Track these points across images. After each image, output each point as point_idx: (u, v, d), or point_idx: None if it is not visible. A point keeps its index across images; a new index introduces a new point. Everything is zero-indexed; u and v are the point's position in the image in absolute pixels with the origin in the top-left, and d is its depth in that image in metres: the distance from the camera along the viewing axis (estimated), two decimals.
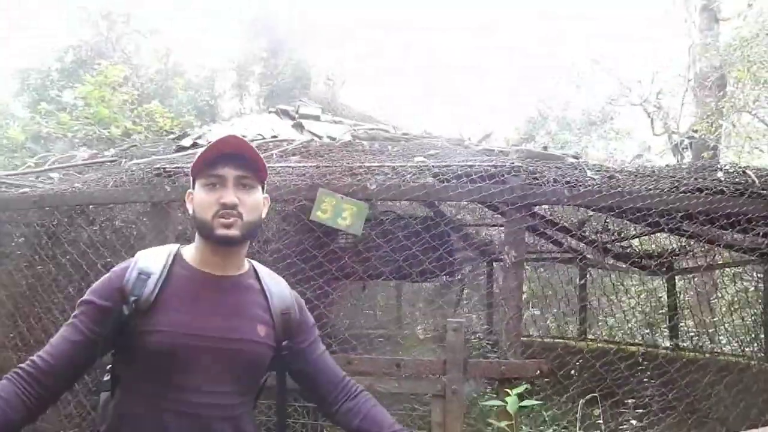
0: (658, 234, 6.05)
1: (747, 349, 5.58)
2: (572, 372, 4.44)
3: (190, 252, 1.72)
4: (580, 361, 4.52)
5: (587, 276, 7.17)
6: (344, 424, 1.80)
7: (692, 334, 6.84)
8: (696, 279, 7.18)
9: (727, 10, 14.69)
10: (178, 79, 16.31)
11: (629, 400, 4.74)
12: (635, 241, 6.57)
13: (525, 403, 2.90)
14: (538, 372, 3.27)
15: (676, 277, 6.85)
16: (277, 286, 1.78)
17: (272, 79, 18.14)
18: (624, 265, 6.71)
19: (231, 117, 11.46)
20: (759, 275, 5.67)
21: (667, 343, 6.77)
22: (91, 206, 3.99)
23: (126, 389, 1.63)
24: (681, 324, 6.96)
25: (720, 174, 3.51)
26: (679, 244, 6.25)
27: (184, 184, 3.31)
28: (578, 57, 18.18)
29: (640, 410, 4.66)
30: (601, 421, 3.78)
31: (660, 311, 7.59)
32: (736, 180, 3.40)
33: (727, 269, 6.41)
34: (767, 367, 4.86)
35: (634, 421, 4.63)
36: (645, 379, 5.13)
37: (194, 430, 1.56)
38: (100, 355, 1.63)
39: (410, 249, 3.79)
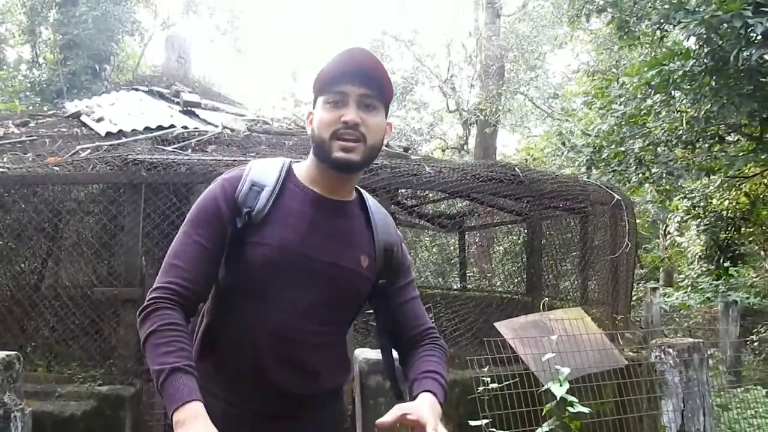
0: (453, 200, 7.64)
1: (514, 288, 7.40)
2: None
3: (300, 169, 1.62)
4: None
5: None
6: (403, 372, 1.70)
7: (476, 278, 8.64)
8: (479, 235, 9.00)
9: (507, 7, 17.23)
10: None
11: None
12: (439, 206, 8.12)
13: None
14: None
15: (466, 234, 8.57)
16: (383, 220, 1.67)
17: (71, 27, 16.92)
18: (427, 224, 8.23)
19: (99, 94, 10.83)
20: (524, 232, 7.49)
21: (456, 286, 8.50)
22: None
23: (224, 304, 1.57)
24: (468, 271, 8.73)
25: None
26: (468, 207, 7.92)
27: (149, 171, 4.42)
28: (378, 33, 19.75)
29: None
30: None
31: (450, 261, 9.33)
32: (510, 172, 5.06)
33: (504, 227, 8.23)
34: (527, 299, 6.61)
35: None
36: (440, 314, 6.64)
37: (283, 352, 1.52)
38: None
39: None
